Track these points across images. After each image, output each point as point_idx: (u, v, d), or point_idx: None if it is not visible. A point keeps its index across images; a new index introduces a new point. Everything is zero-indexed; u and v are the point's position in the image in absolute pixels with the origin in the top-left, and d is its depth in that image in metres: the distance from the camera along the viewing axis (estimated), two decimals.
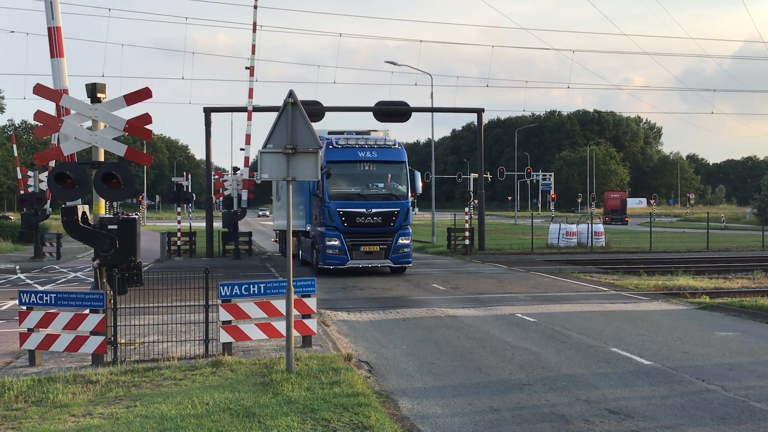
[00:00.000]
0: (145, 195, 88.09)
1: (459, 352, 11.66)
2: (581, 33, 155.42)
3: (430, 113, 39.23)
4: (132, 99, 11.32)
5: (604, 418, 8.04)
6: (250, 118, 32.37)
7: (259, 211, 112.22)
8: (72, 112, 11.38)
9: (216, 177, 37.62)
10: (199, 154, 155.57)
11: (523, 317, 14.99)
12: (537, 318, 14.87)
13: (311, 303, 11.45)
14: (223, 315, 10.75)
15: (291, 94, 9.72)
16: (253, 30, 31.70)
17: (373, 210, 22.88)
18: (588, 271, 24.73)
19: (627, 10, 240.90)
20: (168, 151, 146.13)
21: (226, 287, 10.82)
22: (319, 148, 9.96)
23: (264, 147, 9.87)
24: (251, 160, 31.76)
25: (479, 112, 35.61)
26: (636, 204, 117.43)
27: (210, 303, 10.97)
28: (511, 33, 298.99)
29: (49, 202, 32.80)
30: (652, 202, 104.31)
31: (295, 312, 10.36)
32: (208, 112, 33.40)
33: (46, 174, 30.76)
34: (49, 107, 12.30)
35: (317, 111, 30.96)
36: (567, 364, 10.69)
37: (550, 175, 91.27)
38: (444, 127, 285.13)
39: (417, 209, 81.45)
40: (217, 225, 35.08)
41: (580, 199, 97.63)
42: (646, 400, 8.77)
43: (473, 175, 37.58)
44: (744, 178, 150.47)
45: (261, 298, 11.04)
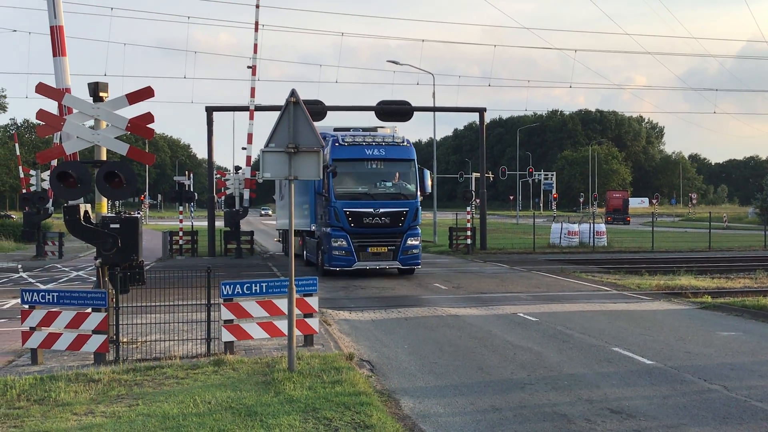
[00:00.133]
0: (147, 194, 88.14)
1: (461, 351, 11.66)
2: (583, 32, 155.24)
3: (432, 112, 39.24)
4: (134, 98, 11.34)
5: (606, 417, 8.04)
6: (252, 117, 32.42)
7: (261, 211, 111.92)
8: (74, 111, 11.39)
9: (218, 176, 37.61)
10: (201, 154, 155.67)
11: (525, 317, 14.99)
12: (539, 317, 14.87)
13: (313, 302, 11.46)
14: (225, 314, 10.75)
15: (293, 93, 9.73)
16: (255, 29, 31.75)
17: (381, 210, 22.20)
18: (590, 271, 24.71)
19: (629, 10, 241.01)
20: (170, 150, 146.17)
21: (228, 286, 10.82)
22: (322, 147, 9.97)
23: (266, 146, 9.87)
24: (253, 159, 31.69)
25: (481, 111, 35.58)
26: (638, 204, 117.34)
27: (212, 302, 10.99)
28: (513, 32, 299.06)
29: (51, 200, 32.83)
30: (654, 201, 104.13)
31: (296, 311, 10.36)
32: (210, 111, 33.40)
33: (48, 173, 30.86)
34: (52, 106, 12.33)
35: (319, 110, 30.90)
36: (569, 363, 10.69)
37: (552, 174, 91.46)
38: (446, 126, 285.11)
39: None
40: (219, 224, 35.13)
41: (582, 199, 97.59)
42: (648, 399, 8.77)
43: (475, 174, 37.62)
44: (746, 178, 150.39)
45: (263, 297, 11.04)
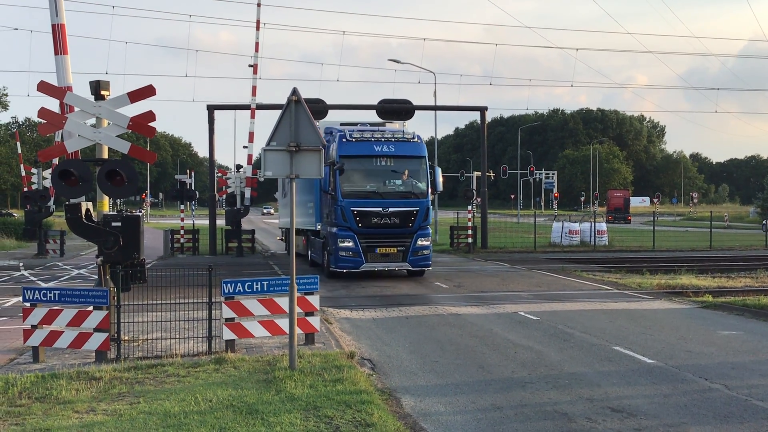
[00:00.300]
0: (148, 192, 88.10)
1: (462, 350, 11.67)
2: (585, 31, 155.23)
3: (434, 111, 39.18)
4: (136, 96, 11.36)
5: (607, 416, 8.05)
6: (253, 116, 32.41)
7: (263, 209, 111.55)
8: (76, 109, 11.41)
9: (219, 174, 37.63)
10: (202, 152, 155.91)
11: (526, 315, 14.99)
12: (540, 316, 14.87)
13: (314, 300, 11.46)
14: (226, 312, 10.77)
15: (294, 91, 9.74)
16: (257, 28, 31.75)
17: (391, 209, 21.19)
18: (591, 270, 24.70)
19: (631, 9, 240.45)
20: (171, 148, 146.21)
21: (229, 284, 10.83)
22: (323, 146, 9.98)
23: (267, 144, 9.88)
24: (254, 158, 31.71)
25: (482, 110, 35.57)
26: (639, 203, 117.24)
27: (213, 300, 11.00)
28: (514, 31, 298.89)
29: (52, 199, 32.82)
30: (655, 200, 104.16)
31: (298, 309, 10.37)
32: (211, 109, 33.40)
33: (49, 171, 30.86)
34: (53, 104, 12.30)
35: (320, 109, 30.85)
36: (570, 362, 10.70)
37: (553, 173, 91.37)
38: (447, 125, 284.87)
39: None
40: (220, 223, 35.15)
41: (583, 198, 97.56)
42: (649, 398, 8.78)
43: (476, 173, 37.62)
44: (747, 177, 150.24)
45: (264, 295, 11.05)
